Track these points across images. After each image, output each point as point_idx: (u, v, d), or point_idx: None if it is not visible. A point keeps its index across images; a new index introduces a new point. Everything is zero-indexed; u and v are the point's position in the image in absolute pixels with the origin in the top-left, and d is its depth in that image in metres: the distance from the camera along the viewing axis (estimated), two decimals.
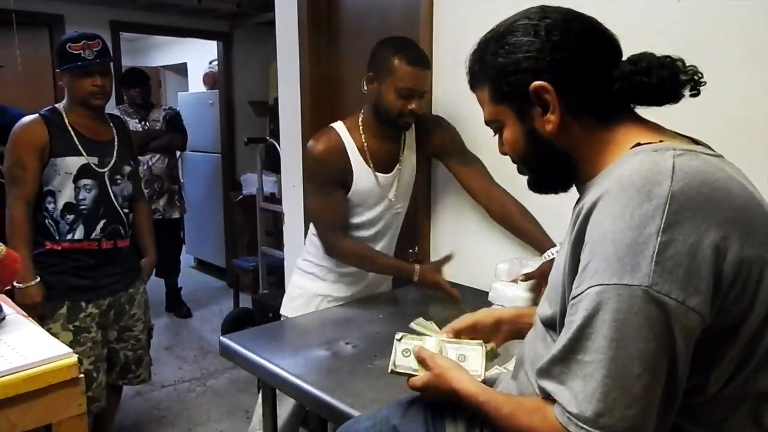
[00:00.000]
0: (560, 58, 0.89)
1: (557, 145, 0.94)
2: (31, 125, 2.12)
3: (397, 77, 1.78)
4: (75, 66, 2.11)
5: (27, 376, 1.02)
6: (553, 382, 0.82)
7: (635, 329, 0.74)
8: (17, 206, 2.08)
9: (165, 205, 4.20)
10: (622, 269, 0.75)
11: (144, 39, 7.37)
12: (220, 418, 2.99)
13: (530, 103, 0.92)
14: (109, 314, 2.27)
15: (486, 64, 0.96)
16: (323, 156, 1.87)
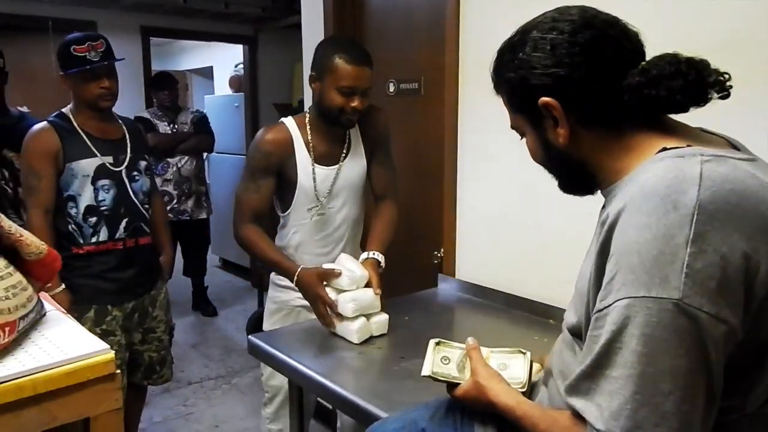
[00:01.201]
0: (565, 74, 0.88)
1: (572, 156, 0.93)
2: (41, 133, 2.09)
3: (338, 76, 1.80)
4: (81, 69, 2.07)
5: (67, 371, 1.05)
6: (581, 399, 0.80)
7: (665, 344, 0.72)
8: (36, 215, 2.06)
9: (193, 206, 4.26)
10: (650, 282, 0.73)
11: (171, 43, 7.49)
12: (246, 416, 3.04)
13: (542, 116, 0.92)
14: (133, 317, 2.28)
15: (501, 76, 0.97)
16: (267, 146, 1.91)
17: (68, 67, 2.08)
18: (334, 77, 1.81)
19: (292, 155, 1.93)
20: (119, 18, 4.59)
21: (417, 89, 2.50)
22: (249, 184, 1.93)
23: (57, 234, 2.11)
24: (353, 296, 1.70)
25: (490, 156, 2.11)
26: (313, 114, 1.96)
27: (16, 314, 1.07)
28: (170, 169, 4.12)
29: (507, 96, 0.98)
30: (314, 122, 1.95)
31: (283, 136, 1.93)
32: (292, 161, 1.93)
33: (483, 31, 2.10)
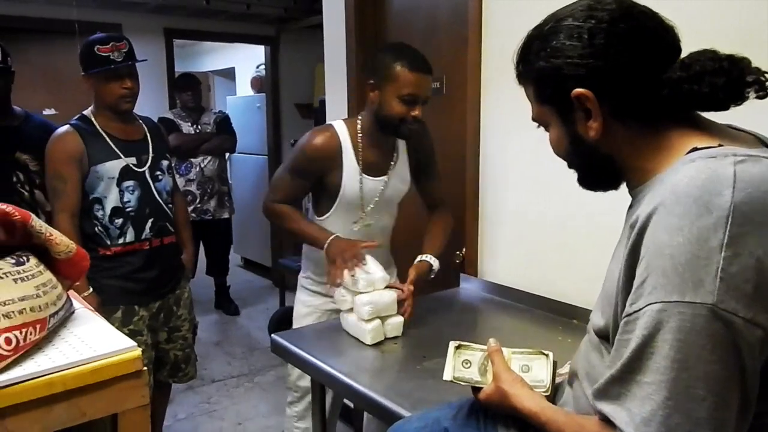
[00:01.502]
0: (602, 65, 0.85)
1: (602, 150, 0.91)
2: (64, 137, 2.09)
3: (400, 84, 1.76)
4: (104, 69, 2.07)
5: (95, 368, 1.07)
6: (611, 404, 0.79)
7: (699, 349, 0.71)
8: (63, 219, 2.06)
9: (215, 206, 4.30)
10: (683, 286, 0.71)
11: (194, 45, 7.57)
12: (268, 413, 3.06)
13: (573, 108, 0.89)
14: (159, 316, 2.31)
15: (529, 64, 0.93)
16: (312, 152, 1.89)
17: (91, 67, 2.09)
18: (395, 85, 1.76)
19: (338, 163, 1.90)
20: (143, 20, 4.65)
21: (439, 88, 2.50)
22: (286, 175, 1.95)
23: (83, 236, 2.11)
24: (370, 299, 1.69)
25: (514, 155, 2.10)
26: (366, 122, 1.92)
27: (47, 312, 1.09)
28: (193, 169, 4.16)
29: (534, 86, 0.95)
30: (367, 131, 1.92)
31: (331, 144, 1.90)
32: (337, 169, 1.91)
33: (506, 29, 2.10)
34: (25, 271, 1.09)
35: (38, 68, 4.45)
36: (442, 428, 1.15)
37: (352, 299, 1.72)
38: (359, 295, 1.70)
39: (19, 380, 0.98)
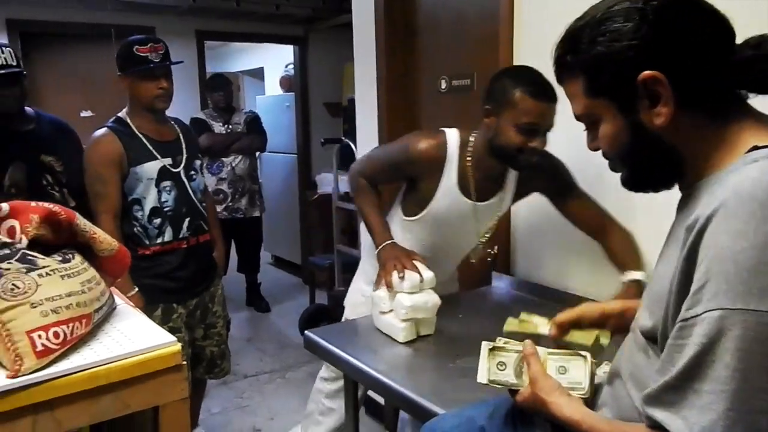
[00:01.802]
0: (672, 45, 0.80)
1: (664, 141, 0.86)
2: (103, 140, 2.13)
3: (519, 111, 1.62)
4: (143, 69, 2.11)
5: (138, 361, 1.10)
6: (664, 411, 0.76)
7: (763, 360, 0.68)
8: (106, 221, 2.09)
9: (247, 204, 4.36)
10: (747, 293, 0.68)
11: (223, 46, 7.66)
12: (299, 409, 3.09)
13: (636, 95, 0.83)
14: (195, 314, 2.35)
15: (581, 54, 0.87)
16: (416, 156, 1.82)
17: (129, 67, 2.13)
18: (514, 112, 1.63)
19: (437, 174, 1.83)
20: (176, 23, 4.73)
21: (469, 85, 2.50)
22: (384, 166, 1.92)
23: (122, 236, 2.15)
24: (412, 302, 1.65)
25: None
26: (478, 144, 1.80)
27: (92, 307, 1.13)
28: (225, 168, 4.22)
29: (587, 77, 0.88)
30: (476, 153, 1.81)
31: (437, 154, 1.81)
32: (434, 180, 1.83)
33: (539, 23, 2.07)
34: (71, 268, 1.13)
35: (75, 72, 4.56)
36: (477, 427, 1.15)
37: (390, 302, 1.70)
38: (401, 294, 1.67)
39: (67, 372, 1.01)
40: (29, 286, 1.03)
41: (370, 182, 1.93)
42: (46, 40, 4.41)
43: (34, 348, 0.98)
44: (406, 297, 1.65)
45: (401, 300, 1.65)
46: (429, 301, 1.67)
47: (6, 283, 1.01)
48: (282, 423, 2.96)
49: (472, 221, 1.90)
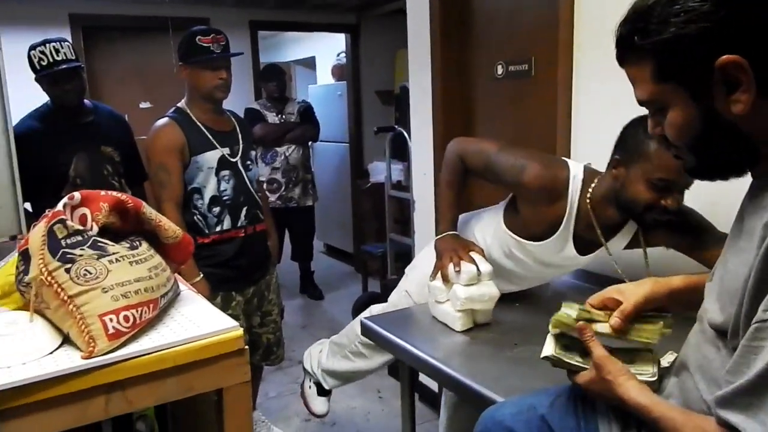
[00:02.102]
0: (755, 26, 0.73)
1: (740, 129, 0.80)
2: (166, 129, 2.17)
3: (653, 166, 1.44)
4: (205, 59, 2.13)
5: (202, 345, 1.13)
6: (739, 414, 0.74)
7: None
8: (169, 209, 2.12)
9: (300, 194, 4.41)
10: None
11: (275, 36, 7.74)
12: (353, 395, 3.13)
13: (712, 81, 0.77)
14: (252, 302, 2.40)
15: (650, 35, 0.80)
16: (535, 184, 1.64)
17: (190, 56, 2.17)
18: (647, 166, 1.45)
19: (550, 213, 1.65)
20: (230, 14, 4.81)
21: (527, 70, 2.44)
22: (487, 161, 1.72)
23: None
24: (467, 294, 1.63)
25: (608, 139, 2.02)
26: (602, 196, 1.61)
27: (158, 292, 1.16)
28: (278, 158, 4.28)
29: (656, 60, 0.82)
30: (600, 205, 1.62)
31: (554, 190, 1.63)
32: (545, 218, 1.67)
33: (599, 5, 2.00)
34: (139, 254, 1.17)
35: (134, 64, 4.69)
36: (538, 415, 1.13)
37: (447, 292, 1.69)
38: (457, 286, 1.66)
39: (137, 354, 1.05)
40: (100, 272, 1.07)
41: (468, 169, 1.78)
42: (106, 33, 4.56)
43: (106, 331, 1.02)
44: (461, 288, 1.64)
45: (456, 291, 1.64)
46: (486, 294, 1.65)
47: (79, 269, 1.05)
48: (337, 408, 3.00)
49: (572, 264, 1.82)
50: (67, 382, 0.97)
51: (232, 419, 1.19)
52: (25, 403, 0.94)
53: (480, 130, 2.73)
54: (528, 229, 1.73)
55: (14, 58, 2.33)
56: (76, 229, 1.09)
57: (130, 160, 2.58)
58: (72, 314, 1.02)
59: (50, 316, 1.06)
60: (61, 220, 1.07)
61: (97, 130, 2.45)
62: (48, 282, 1.02)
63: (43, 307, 1.06)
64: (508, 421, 1.15)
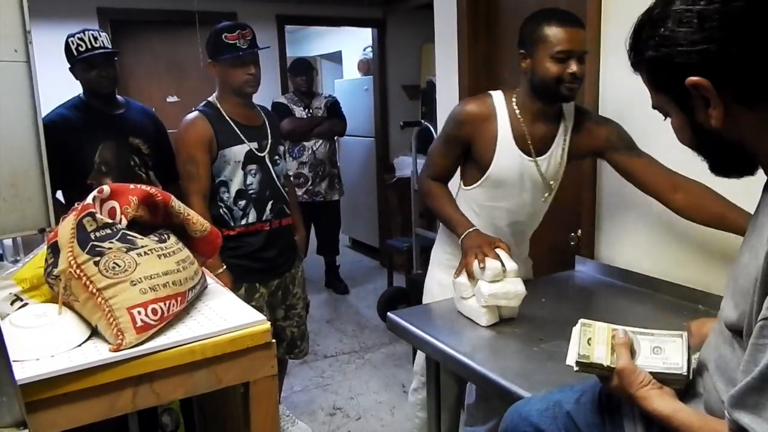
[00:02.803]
0: (717, 51, 0.77)
1: (728, 138, 0.84)
2: (195, 123, 2.19)
3: (550, 42, 1.67)
4: (232, 56, 2.15)
5: (231, 338, 1.14)
6: (748, 414, 0.74)
7: None
8: (196, 201, 2.15)
9: (326, 188, 4.42)
10: None
11: (301, 30, 7.76)
12: (378, 389, 3.13)
13: (690, 96, 0.83)
14: (277, 294, 2.41)
15: (640, 54, 0.88)
16: (464, 117, 1.84)
17: (218, 54, 2.19)
18: (546, 45, 1.68)
19: (491, 133, 1.83)
20: (257, 8, 4.83)
21: None
22: (440, 146, 1.94)
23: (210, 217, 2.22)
24: (492, 291, 1.62)
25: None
26: (522, 96, 1.83)
27: (186, 286, 1.17)
28: (305, 152, 4.29)
29: (648, 75, 0.90)
30: (523, 105, 1.83)
31: (484, 110, 1.84)
32: (489, 139, 1.83)
33: (627, 3, 1.99)
34: (167, 248, 1.18)
35: (161, 58, 4.74)
36: (564, 412, 1.14)
37: (472, 289, 1.69)
38: (482, 282, 1.65)
39: (165, 347, 1.06)
40: (129, 265, 1.08)
41: (438, 178, 1.94)
42: (134, 27, 4.61)
43: (134, 323, 1.03)
44: (485, 285, 1.63)
45: (481, 288, 1.63)
46: (511, 291, 1.63)
47: (108, 262, 1.06)
48: (363, 402, 3.01)
49: (532, 177, 1.87)
50: (95, 374, 0.98)
51: (259, 412, 1.19)
52: (53, 395, 0.95)
53: None
54: (482, 165, 1.86)
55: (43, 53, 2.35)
56: (105, 222, 1.10)
57: (163, 157, 2.57)
58: (100, 307, 1.03)
59: (79, 308, 1.07)
60: (90, 213, 1.08)
61: (126, 122, 2.48)
62: (77, 275, 1.04)
63: (71, 300, 1.07)
64: (534, 417, 1.16)
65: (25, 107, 1.50)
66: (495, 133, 1.83)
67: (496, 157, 1.84)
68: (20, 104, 1.49)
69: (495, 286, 1.62)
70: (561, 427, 1.12)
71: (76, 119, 2.35)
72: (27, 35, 1.48)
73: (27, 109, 1.51)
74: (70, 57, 2.33)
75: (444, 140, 1.92)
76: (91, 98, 2.40)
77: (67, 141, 2.28)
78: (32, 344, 1.00)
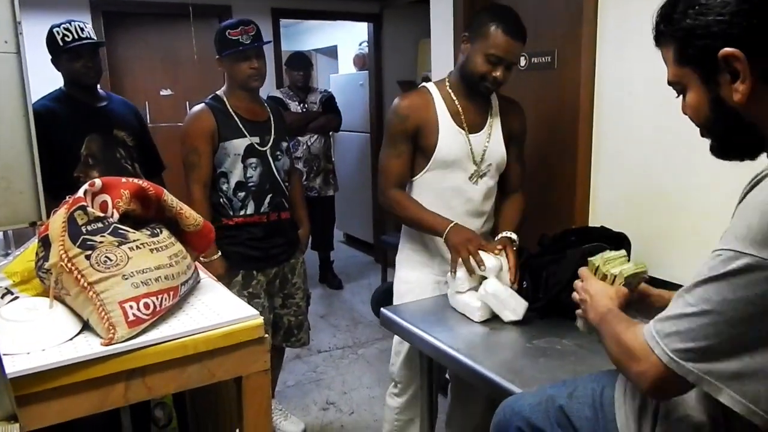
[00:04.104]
0: (757, 23, 0.81)
1: (744, 116, 0.87)
2: (200, 114, 2.27)
3: (490, 43, 1.80)
4: (234, 51, 2.22)
5: (223, 333, 1.13)
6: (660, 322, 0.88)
7: (748, 306, 0.77)
8: (196, 189, 2.25)
9: (321, 183, 4.41)
10: (761, 243, 0.75)
11: (297, 24, 7.73)
12: (372, 384, 3.14)
13: (718, 69, 0.86)
14: (275, 282, 2.46)
15: (673, 24, 0.90)
16: (404, 110, 1.91)
17: (223, 50, 2.26)
18: (485, 43, 1.81)
19: (432, 118, 1.91)
20: (252, 1, 4.79)
21: (550, 63, 2.41)
22: (389, 150, 1.96)
23: (210, 205, 2.30)
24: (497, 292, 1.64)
25: (631, 130, 2.00)
26: (455, 76, 1.96)
27: (179, 280, 1.16)
28: (300, 147, 4.28)
29: (677, 46, 0.91)
30: (455, 86, 1.95)
31: (421, 99, 1.93)
32: (432, 125, 1.91)
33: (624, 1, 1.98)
34: (160, 242, 1.17)
35: (155, 51, 4.70)
36: (556, 406, 1.15)
37: (469, 283, 1.73)
38: (487, 282, 1.67)
39: (157, 342, 1.05)
40: (121, 259, 1.07)
41: (398, 183, 1.97)
42: (127, 19, 4.56)
43: (126, 318, 1.03)
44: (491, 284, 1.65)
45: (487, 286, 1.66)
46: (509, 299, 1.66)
47: (99, 256, 1.05)
48: (356, 397, 3.01)
49: (469, 156, 1.94)
50: (86, 368, 0.98)
51: (251, 407, 1.19)
52: (44, 389, 0.94)
53: None
54: (428, 149, 1.92)
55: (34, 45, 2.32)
56: (96, 215, 1.09)
57: (146, 150, 2.59)
58: (92, 301, 1.02)
59: (70, 302, 1.07)
60: (81, 207, 1.07)
61: (110, 114, 2.47)
62: (68, 268, 1.03)
63: (63, 294, 1.06)
64: (527, 412, 1.17)
65: (15, 99, 1.49)
66: (436, 116, 1.92)
67: (440, 138, 1.91)
68: (10, 96, 1.48)
69: (501, 290, 1.65)
70: (553, 421, 1.13)
71: (61, 111, 2.33)
72: (17, 26, 1.46)
73: (17, 100, 1.49)
74: (54, 48, 2.31)
75: (392, 142, 1.95)
76: (74, 90, 2.38)
77: (52, 133, 2.24)
78: (23, 338, 0.99)
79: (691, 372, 0.82)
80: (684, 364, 0.83)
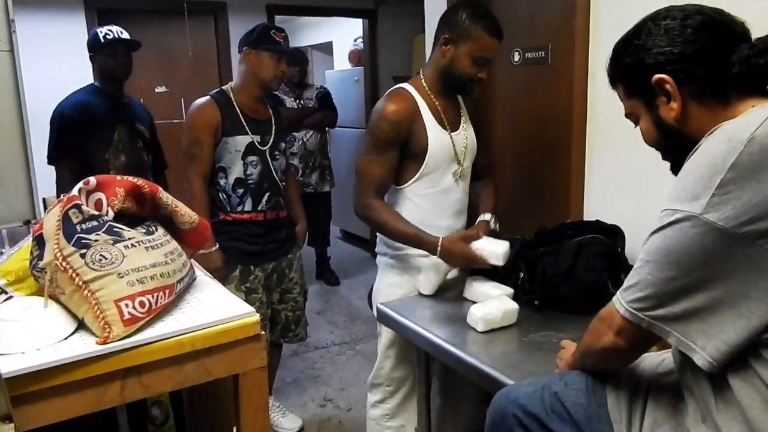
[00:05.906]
0: (677, 52, 0.99)
1: (683, 132, 1.03)
2: (205, 107, 2.28)
3: (479, 45, 1.80)
4: (273, 48, 2.28)
5: (220, 330, 1.13)
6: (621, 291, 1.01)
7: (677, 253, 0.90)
8: (196, 181, 2.27)
9: (317, 179, 4.41)
10: (682, 198, 0.89)
11: (292, 20, 7.71)
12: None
13: (655, 93, 1.03)
14: (272, 277, 2.46)
15: (619, 65, 1.10)
16: (395, 116, 1.85)
17: (262, 43, 2.29)
18: (473, 46, 1.80)
19: (419, 121, 1.88)
20: None
21: (544, 58, 2.41)
22: (374, 156, 1.86)
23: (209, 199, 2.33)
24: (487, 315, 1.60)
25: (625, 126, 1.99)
26: (431, 77, 1.93)
27: (175, 278, 1.16)
28: (296, 143, 4.27)
29: (623, 82, 1.10)
30: (433, 86, 1.92)
31: (407, 103, 1.88)
32: (419, 128, 1.88)
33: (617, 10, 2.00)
34: (155, 240, 1.17)
35: (150, 48, 4.65)
36: (552, 392, 1.17)
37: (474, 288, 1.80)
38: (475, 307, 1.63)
39: (153, 340, 1.05)
40: (116, 257, 1.07)
41: (380, 192, 1.90)
42: (122, 16, 4.53)
43: (122, 316, 1.02)
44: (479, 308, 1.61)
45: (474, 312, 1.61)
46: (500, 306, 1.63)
47: (94, 254, 1.05)
48: (354, 393, 3.01)
49: (453, 156, 1.94)
50: (82, 367, 0.97)
51: (249, 404, 1.19)
52: (39, 389, 0.94)
53: (496, 116, 2.69)
54: (419, 155, 1.89)
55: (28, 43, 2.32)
56: (91, 214, 1.08)
57: (155, 147, 2.89)
58: (87, 300, 1.02)
59: (65, 301, 1.06)
60: (76, 205, 1.07)
61: (133, 109, 2.83)
62: (63, 267, 1.02)
63: (57, 293, 1.05)
64: (522, 399, 1.19)
65: (8, 98, 1.48)
66: (422, 119, 1.89)
67: (430, 142, 1.89)
68: (4, 94, 1.47)
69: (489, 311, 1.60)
70: (548, 407, 1.15)
71: (98, 103, 2.69)
72: (11, 24, 1.45)
73: (11, 99, 1.49)
74: (95, 43, 2.67)
75: (379, 148, 1.86)
76: (106, 85, 2.73)
77: (90, 121, 2.63)
78: (18, 337, 0.99)
79: (643, 320, 0.95)
80: (637, 313, 0.95)
